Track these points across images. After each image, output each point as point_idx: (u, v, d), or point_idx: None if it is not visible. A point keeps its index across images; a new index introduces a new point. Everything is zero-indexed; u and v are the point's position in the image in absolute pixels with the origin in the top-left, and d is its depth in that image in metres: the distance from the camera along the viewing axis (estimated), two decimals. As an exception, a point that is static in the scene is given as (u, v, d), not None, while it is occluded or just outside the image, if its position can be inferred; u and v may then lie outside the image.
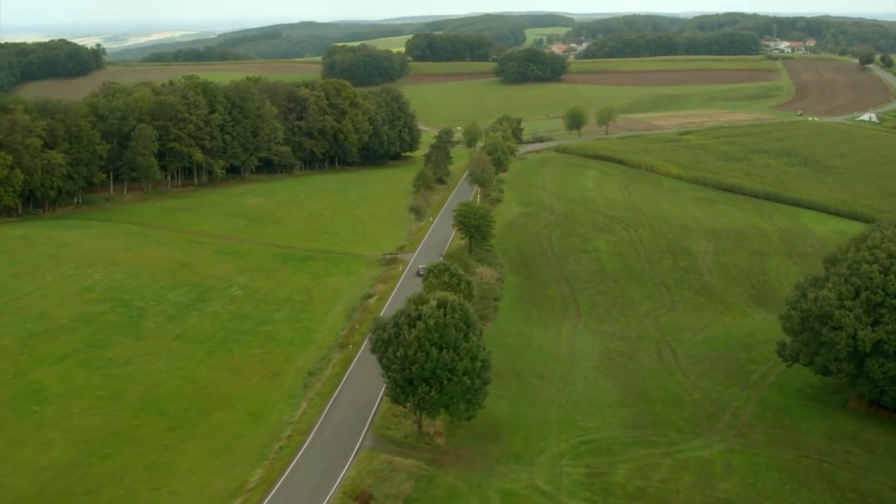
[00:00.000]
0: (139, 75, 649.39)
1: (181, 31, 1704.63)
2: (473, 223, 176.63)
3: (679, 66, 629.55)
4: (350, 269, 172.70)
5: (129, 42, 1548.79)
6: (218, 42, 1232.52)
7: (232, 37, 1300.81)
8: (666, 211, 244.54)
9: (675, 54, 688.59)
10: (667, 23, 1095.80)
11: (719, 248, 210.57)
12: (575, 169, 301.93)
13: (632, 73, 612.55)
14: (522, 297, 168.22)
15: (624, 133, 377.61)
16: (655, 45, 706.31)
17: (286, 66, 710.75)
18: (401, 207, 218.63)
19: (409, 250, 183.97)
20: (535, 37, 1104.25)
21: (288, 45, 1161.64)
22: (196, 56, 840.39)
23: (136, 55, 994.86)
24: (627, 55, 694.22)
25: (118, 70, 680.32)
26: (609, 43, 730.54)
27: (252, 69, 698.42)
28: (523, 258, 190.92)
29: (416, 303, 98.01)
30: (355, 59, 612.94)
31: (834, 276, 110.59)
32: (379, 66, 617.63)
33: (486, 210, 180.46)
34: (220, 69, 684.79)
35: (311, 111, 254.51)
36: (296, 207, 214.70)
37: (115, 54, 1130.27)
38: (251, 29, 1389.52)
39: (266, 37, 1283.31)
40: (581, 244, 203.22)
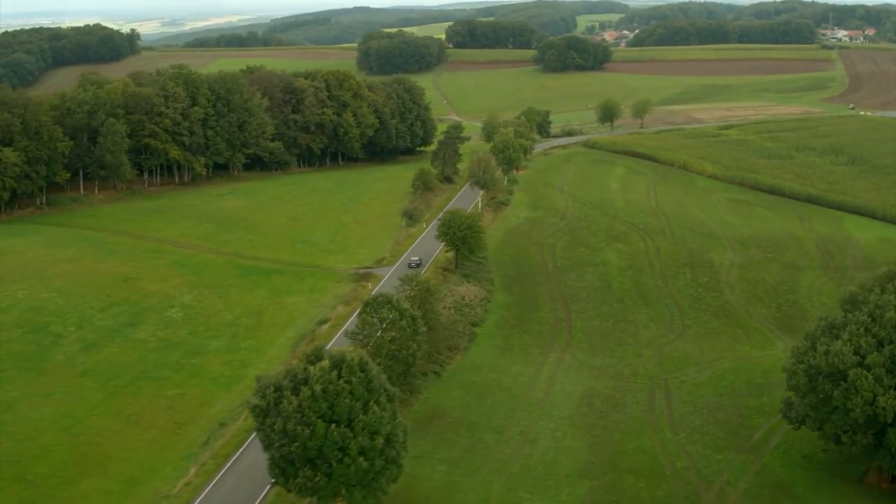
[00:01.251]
0: (170, 61, 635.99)
1: (239, 16, 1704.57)
2: (459, 235, 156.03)
3: (729, 55, 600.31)
4: (316, 285, 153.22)
5: (186, 26, 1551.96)
6: (268, 27, 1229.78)
7: (284, 22, 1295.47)
8: (693, 216, 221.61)
9: (727, 43, 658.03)
10: (723, 10, 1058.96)
11: (746, 261, 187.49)
12: (601, 166, 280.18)
13: (678, 62, 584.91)
14: (508, 321, 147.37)
15: (661, 126, 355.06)
16: (706, 33, 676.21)
17: (322, 53, 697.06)
18: (395, 211, 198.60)
19: (388, 263, 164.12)
20: (587, 24, 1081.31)
21: (337, 31, 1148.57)
22: (238, 41, 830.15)
23: (186, 39, 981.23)
24: (677, 43, 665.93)
25: (151, 56, 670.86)
26: (658, 30, 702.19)
27: (287, 55, 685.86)
28: (519, 273, 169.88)
29: (309, 359, 77.52)
30: (391, 45, 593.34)
31: (852, 325, 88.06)
32: (416, 54, 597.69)
33: (475, 220, 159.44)
34: (254, 55, 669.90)
35: (308, 104, 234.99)
36: (277, 211, 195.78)
37: (168, 38, 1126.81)
38: (303, 14, 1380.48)
39: (316, 22, 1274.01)
40: (588, 256, 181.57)
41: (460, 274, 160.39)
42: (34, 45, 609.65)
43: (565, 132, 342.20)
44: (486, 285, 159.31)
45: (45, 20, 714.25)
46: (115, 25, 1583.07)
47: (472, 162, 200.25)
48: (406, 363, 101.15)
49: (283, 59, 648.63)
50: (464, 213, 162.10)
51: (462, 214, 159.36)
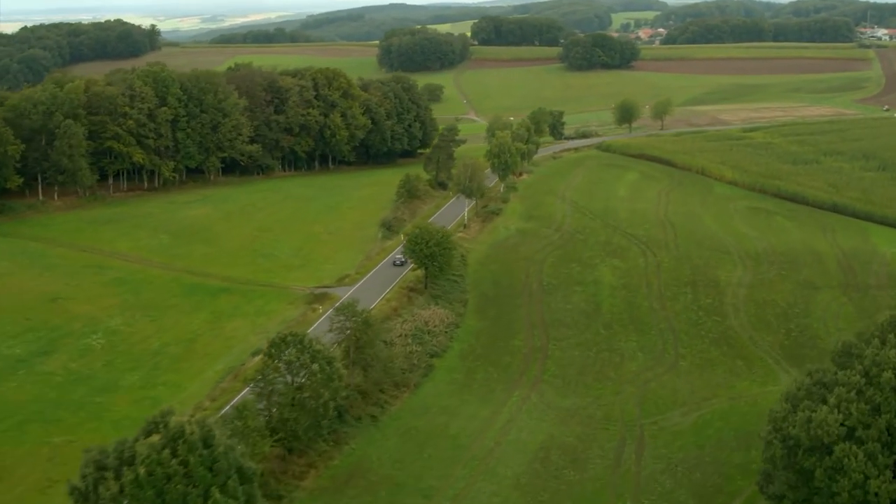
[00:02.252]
0: (189, 58, 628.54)
1: (279, 13, 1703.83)
2: (426, 251, 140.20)
3: (762, 53, 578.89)
4: (264, 307, 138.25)
5: (226, 22, 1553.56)
6: (301, 24, 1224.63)
7: (317, 18, 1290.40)
8: (704, 227, 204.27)
9: (761, 41, 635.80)
10: (761, 8, 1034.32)
11: (757, 279, 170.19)
12: (612, 171, 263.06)
13: (709, 61, 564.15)
14: (474, 351, 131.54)
15: (683, 128, 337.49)
16: (740, 31, 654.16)
17: (344, 50, 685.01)
18: (374, 220, 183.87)
19: (351, 282, 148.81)
20: (622, 21, 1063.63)
21: (370, 28, 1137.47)
22: (265, 38, 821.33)
23: (222, 35, 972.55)
24: (711, 41, 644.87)
25: (171, 52, 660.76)
26: (691, 28, 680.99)
27: (307, 52, 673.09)
28: (498, 293, 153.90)
29: (146, 429, 62.05)
30: (413, 42, 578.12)
31: (842, 386, 71.23)
32: (437, 51, 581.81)
33: (445, 235, 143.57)
34: (274, 52, 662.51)
35: (291, 104, 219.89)
36: (243, 220, 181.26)
37: (204, 35, 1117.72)
38: (337, 11, 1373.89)
39: (349, 18, 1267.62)
40: (580, 273, 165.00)
41: (429, 295, 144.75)
42: (52, 41, 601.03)
43: (579, 134, 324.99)
44: (457, 308, 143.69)
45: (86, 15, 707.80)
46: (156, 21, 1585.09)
47: (457, 168, 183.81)
48: (316, 415, 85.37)
49: (303, 55, 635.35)
50: (433, 226, 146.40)
51: (431, 228, 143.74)
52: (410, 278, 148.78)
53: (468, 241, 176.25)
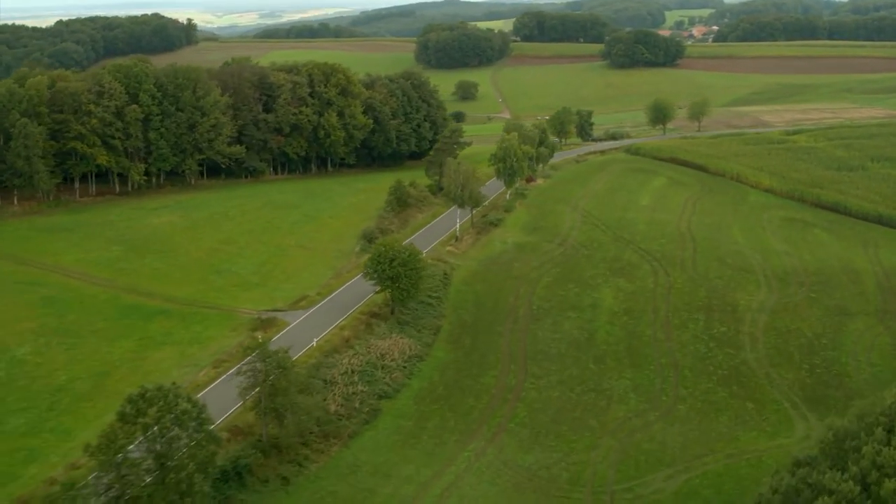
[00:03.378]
0: (224, 52, 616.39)
1: (336, 8, 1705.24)
2: (389, 273, 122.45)
3: (814, 52, 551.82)
4: (202, 334, 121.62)
5: (283, 18, 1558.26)
6: (352, 20, 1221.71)
7: (369, 14, 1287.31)
8: (729, 241, 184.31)
9: (815, 39, 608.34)
10: (819, 6, 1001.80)
11: (781, 303, 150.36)
12: (638, 176, 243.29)
13: (758, 59, 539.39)
14: (434, 391, 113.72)
15: (722, 130, 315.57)
16: (793, 29, 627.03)
17: (383, 45, 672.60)
18: (357, 231, 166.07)
19: (307, 304, 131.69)
20: (676, 19, 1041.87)
21: (420, 24, 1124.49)
22: (309, 33, 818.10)
23: (276, 30, 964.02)
24: (763, 39, 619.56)
25: (208, 46, 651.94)
26: (742, 25, 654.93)
27: (345, 47, 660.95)
28: (479, 319, 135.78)
29: None
30: (450, 38, 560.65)
31: (827, 497, 52.13)
32: (476, 47, 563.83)
33: (413, 253, 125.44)
34: (312, 47, 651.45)
35: (281, 101, 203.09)
36: (210, 230, 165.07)
37: (257, 30, 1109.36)
38: (390, 7, 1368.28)
39: (401, 14, 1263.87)
40: (577, 296, 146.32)
41: (395, 321, 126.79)
42: (85, 35, 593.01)
43: (608, 135, 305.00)
44: (425, 336, 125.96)
45: (146, 11, 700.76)
46: (214, 17, 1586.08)
47: (447, 174, 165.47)
48: (179, 492, 67.95)
49: (340, 51, 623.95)
50: (399, 243, 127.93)
51: (395, 246, 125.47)
52: (377, 301, 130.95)
53: (457, 256, 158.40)
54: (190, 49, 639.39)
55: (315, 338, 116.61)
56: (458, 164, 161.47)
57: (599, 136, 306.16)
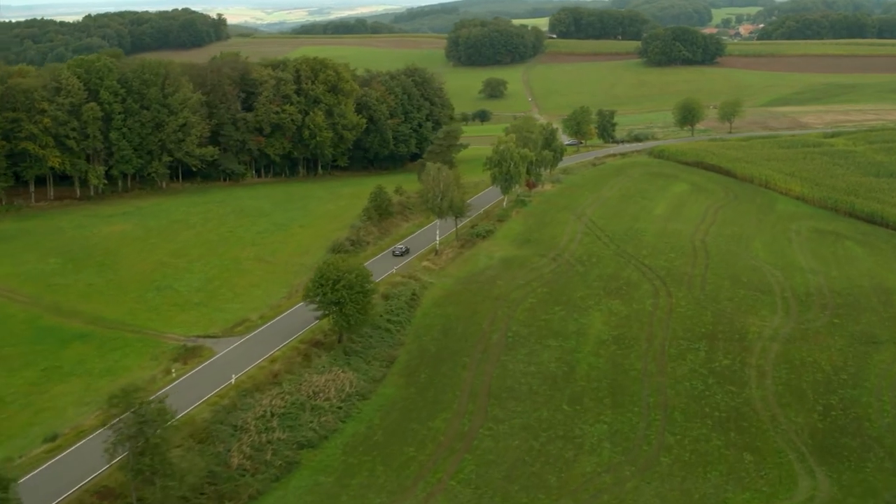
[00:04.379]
0: (253, 48, 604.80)
1: (384, 6, 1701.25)
2: (333, 297, 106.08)
3: (860, 50, 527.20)
4: (119, 362, 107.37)
5: (332, 15, 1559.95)
6: (394, 17, 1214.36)
7: (412, 11, 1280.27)
8: (748, 256, 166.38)
9: (863, 37, 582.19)
10: (871, 5, 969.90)
11: (798, 330, 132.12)
12: (657, 182, 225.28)
13: (802, 58, 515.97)
14: (369, 439, 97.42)
15: (755, 132, 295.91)
16: (840, 27, 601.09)
17: (415, 42, 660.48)
18: (326, 243, 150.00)
19: (245, 329, 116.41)
20: (723, 17, 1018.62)
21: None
22: (345, 29, 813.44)
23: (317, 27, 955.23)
24: (809, 37, 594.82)
25: (237, 42, 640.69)
26: (787, 23, 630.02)
27: (378, 44, 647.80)
28: (443, 348, 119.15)
29: None
30: (482, 34, 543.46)
31: None
32: (508, 44, 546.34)
33: (361, 275, 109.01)
34: (343, 43, 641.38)
35: (262, 99, 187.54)
36: (164, 240, 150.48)
37: (298, 26, 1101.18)
38: (433, 4, 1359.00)
39: (443, 11, 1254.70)
40: (562, 321, 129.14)
41: (341, 350, 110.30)
42: (112, 30, 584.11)
43: (632, 136, 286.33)
44: (374, 369, 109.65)
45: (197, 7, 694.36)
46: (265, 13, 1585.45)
47: (425, 179, 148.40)
48: None
49: (370, 47, 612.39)
50: (345, 262, 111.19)
51: (341, 266, 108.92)
52: (324, 327, 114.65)
53: (432, 272, 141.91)
54: (219, 45, 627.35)
55: (235, 373, 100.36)
56: (437, 170, 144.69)
57: (623, 137, 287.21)
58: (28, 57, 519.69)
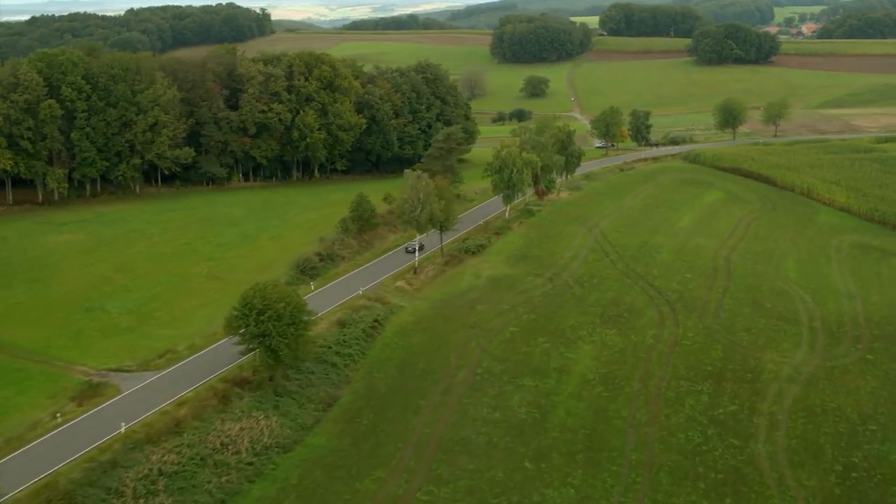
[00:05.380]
0: (294, 44, 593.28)
1: (447, 3, 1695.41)
2: (257, 329, 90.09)
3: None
4: (11, 401, 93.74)
5: (395, 11, 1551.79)
6: (453, 14, 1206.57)
7: (470, 9, 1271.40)
8: (778, 277, 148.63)
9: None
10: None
11: (823, 369, 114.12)
12: (688, 190, 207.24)
13: (862, 58, 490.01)
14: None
15: (802, 136, 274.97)
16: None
17: (459, 38, 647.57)
18: (294, 257, 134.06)
19: (167, 363, 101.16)
20: (786, 15, 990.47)
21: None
22: (395, 25, 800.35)
23: (377, 23, 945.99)
24: (871, 36, 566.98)
25: (279, 38, 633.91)
26: (849, 21, 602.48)
27: (422, 40, 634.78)
28: (397, 387, 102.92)
29: None
30: (527, 30, 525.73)
31: None
32: (554, 40, 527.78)
33: (294, 304, 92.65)
34: (387, 39, 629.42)
35: (247, 97, 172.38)
36: (112, 252, 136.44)
37: (359, 22, 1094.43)
38: (493, 2, 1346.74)
39: (502, 8, 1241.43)
40: (544, 354, 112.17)
41: (271, 391, 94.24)
42: (153, 25, 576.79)
43: (669, 139, 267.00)
44: (307, 414, 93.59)
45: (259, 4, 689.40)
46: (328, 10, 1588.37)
47: (403, 187, 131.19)
48: None
49: (413, 43, 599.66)
50: (276, 289, 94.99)
51: (271, 293, 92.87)
52: (256, 362, 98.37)
53: (406, 294, 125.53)
54: (262, 40, 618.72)
55: (127, 421, 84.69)
56: (416, 177, 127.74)
57: (658, 140, 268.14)
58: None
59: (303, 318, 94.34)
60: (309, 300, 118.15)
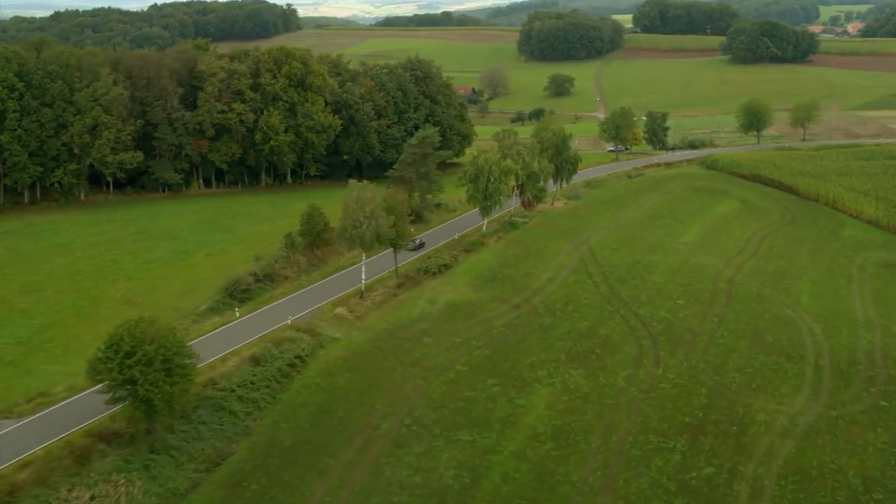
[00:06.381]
0: (320, 40, 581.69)
1: (493, 1, 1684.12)
2: (123, 375, 74.55)
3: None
4: None
5: (440, 9, 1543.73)
6: (491, 12, 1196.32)
7: (511, 6, 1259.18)
8: (787, 301, 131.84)
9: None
10: None
11: (825, 421, 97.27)
12: (702, 199, 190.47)
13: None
14: None
15: (834, 139, 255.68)
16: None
17: (489, 35, 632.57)
18: (227, 278, 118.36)
19: (34, 408, 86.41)
20: (832, 14, 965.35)
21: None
22: (429, 21, 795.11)
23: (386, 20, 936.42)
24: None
25: (305, 34, 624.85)
26: (894, 19, 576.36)
27: (452, 37, 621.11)
28: (303, 441, 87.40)
29: None
30: (556, 27, 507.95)
31: None
32: (583, 38, 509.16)
33: (168, 345, 76.83)
34: (416, 35, 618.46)
35: (205, 96, 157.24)
36: (23, 270, 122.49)
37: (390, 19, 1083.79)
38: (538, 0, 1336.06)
39: (543, 5, 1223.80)
40: (490, 400, 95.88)
41: (146, 446, 78.71)
42: (175, 20, 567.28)
43: (687, 143, 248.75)
44: (186, 476, 78.24)
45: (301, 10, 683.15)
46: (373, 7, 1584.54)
47: (345, 201, 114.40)
48: None
49: (440, 40, 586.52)
50: (150, 326, 79.15)
51: (143, 331, 77.20)
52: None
53: (345, 323, 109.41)
54: (286, 36, 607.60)
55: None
56: (361, 188, 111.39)
57: (676, 143, 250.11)
58: (83, 47, 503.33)
59: (181, 363, 78.50)
60: (229, 330, 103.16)
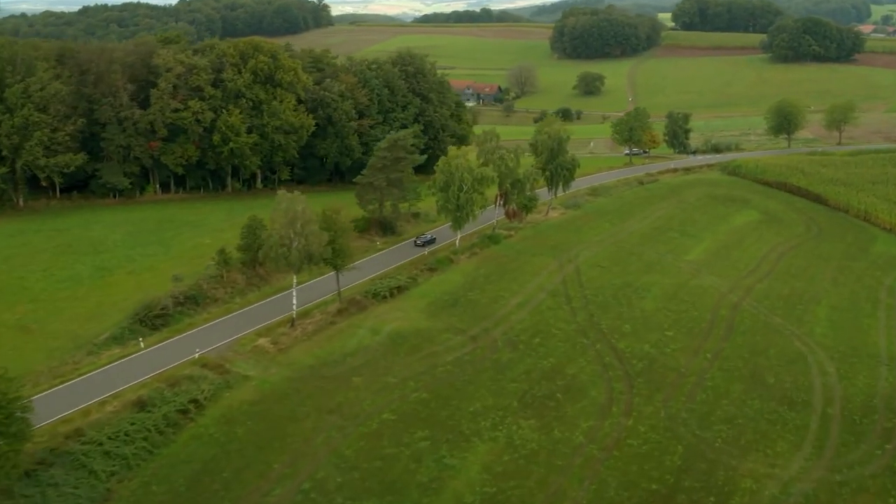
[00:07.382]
0: (347, 36, 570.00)
1: None
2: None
3: None
4: None
5: (490, 6, 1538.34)
6: (535, 11, 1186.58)
7: (555, 4, 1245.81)
8: (798, 333, 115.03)
9: None
10: None
11: (826, 488, 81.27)
12: (717, 209, 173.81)
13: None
14: None
15: (873, 143, 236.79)
16: None
17: (520, 31, 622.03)
18: (144, 302, 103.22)
19: None
20: (884, 13, 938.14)
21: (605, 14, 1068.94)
22: (467, 18, 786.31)
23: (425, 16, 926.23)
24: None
25: (333, 30, 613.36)
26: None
27: (484, 34, 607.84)
28: (178, 508, 70.92)
29: None
30: (589, 24, 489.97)
31: None
32: (618, 35, 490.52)
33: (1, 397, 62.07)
34: (449, 32, 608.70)
35: (157, 93, 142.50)
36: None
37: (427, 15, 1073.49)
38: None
39: (586, 3, 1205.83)
40: (415, 460, 79.86)
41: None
42: (202, 15, 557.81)
43: (711, 146, 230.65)
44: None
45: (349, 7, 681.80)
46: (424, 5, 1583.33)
47: (274, 212, 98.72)
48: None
49: (472, 37, 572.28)
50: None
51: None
52: None
53: (264, 357, 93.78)
54: (316, 32, 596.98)
55: None
56: (290, 200, 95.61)
57: (699, 146, 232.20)
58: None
59: (15, 416, 63.37)
60: (125, 365, 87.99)
